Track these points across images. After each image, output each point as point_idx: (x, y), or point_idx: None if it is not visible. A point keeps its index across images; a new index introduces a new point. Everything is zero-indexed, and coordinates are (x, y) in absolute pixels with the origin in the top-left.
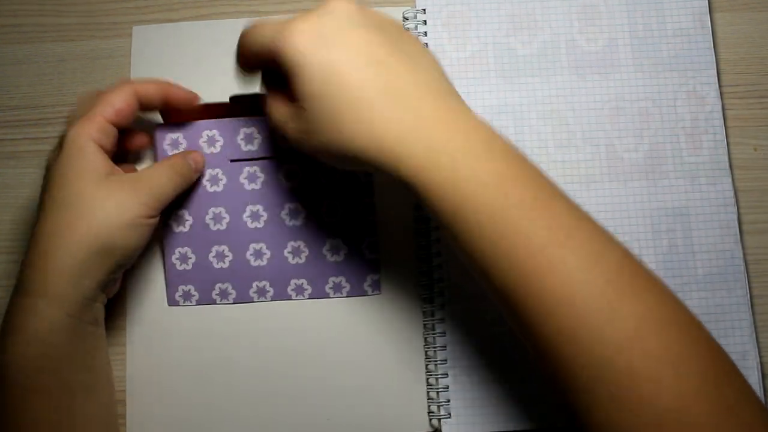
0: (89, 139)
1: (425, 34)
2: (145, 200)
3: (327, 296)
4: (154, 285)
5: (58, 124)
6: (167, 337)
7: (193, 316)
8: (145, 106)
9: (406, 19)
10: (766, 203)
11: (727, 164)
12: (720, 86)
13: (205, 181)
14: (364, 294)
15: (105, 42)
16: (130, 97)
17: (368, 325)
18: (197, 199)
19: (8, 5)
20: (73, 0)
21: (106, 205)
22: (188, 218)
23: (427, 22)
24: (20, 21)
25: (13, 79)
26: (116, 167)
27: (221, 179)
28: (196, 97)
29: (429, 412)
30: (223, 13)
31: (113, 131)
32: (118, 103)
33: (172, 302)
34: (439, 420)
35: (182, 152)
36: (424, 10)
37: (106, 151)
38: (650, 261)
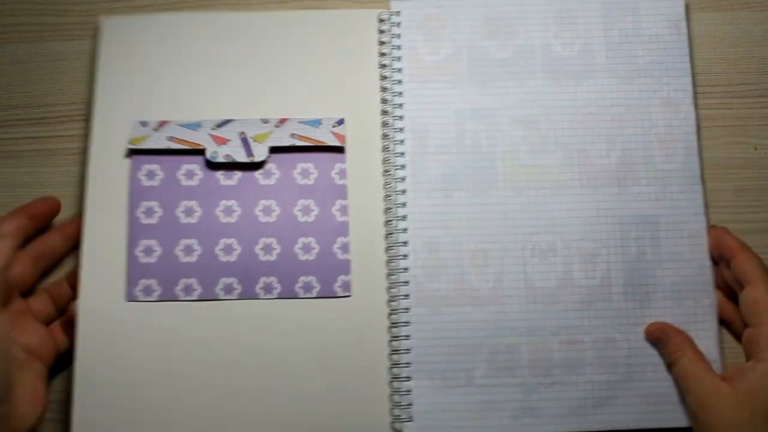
0: None
1: (398, 36)
2: None
3: (296, 296)
4: (111, 278)
5: (58, 124)
6: (123, 334)
7: (152, 312)
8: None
9: (381, 21)
10: (766, 203)
11: (699, 172)
12: (695, 93)
13: (180, 175)
14: (334, 295)
15: None
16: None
17: (335, 327)
18: (170, 191)
19: (8, 5)
20: (74, 0)
21: None
22: (158, 210)
23: (401, 24)
24: (20, 21)
25: (13, 78)
26: None
27: (197, 174)
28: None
29: (392, 416)
30: (205, 5)
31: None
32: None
33: (130, 297)
34: (402, 423)
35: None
36: (399, 12)
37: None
38: (618, 268)
